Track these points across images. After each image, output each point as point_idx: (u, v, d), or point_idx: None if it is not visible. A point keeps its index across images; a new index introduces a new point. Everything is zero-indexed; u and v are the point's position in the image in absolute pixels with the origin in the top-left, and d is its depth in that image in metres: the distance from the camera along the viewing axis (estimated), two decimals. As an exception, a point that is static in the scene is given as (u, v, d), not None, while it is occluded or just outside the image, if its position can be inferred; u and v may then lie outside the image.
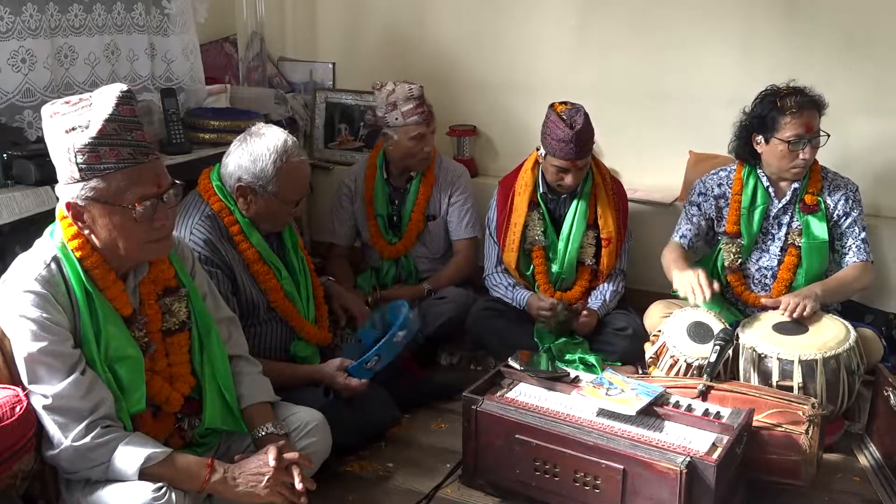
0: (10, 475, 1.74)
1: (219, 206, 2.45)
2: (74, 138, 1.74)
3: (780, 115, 2.72)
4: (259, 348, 2.47)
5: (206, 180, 2.51)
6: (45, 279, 1.78)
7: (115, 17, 3.02)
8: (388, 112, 3.20)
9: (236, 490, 1.85)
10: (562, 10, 3.66)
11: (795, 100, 2.71)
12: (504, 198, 3.19)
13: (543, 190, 3.13)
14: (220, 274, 2.40)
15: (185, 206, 2.47)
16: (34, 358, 1.74)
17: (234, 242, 2.46)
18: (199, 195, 2.49)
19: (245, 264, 2.46)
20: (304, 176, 2.46)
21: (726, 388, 2.38)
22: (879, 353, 2.72)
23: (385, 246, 3.34)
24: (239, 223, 2.45)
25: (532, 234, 3.14)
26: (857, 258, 2.81)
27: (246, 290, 2.47)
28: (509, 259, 3.17)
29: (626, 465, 2.08)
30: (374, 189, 3.33)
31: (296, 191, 2.44)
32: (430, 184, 3.32)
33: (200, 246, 2.38)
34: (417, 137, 3.19)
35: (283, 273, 2.53)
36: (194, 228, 2.40)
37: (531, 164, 3.16)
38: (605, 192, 3.13)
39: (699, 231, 2.99)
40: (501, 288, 3.19)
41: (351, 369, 2.49)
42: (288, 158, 2.39)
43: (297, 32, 4.20)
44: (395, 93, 3.18)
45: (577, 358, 2.97)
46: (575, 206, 3.11)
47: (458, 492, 2.40)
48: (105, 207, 1.78)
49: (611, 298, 3.14)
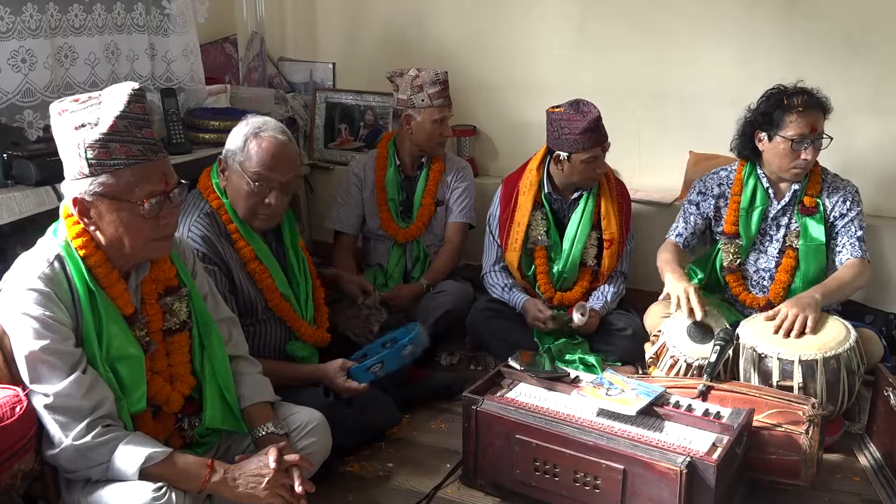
0: (11, 475, 1.73)
1: (217, 203, 2.46)
2: (84, 134, 1.76)
3: (785, 112, 2.72)
4: (257, 347, 2.47)
5: (206, 178, 2.52)
6: (48, 277, 1.78)
7: (115, 17, 3.02)
8: (413, 94, 3.27)
9: (236, 491, 1.85)
10: (561, 10, 3.66)
11: (802, 99, 2.71)
12: (507, 196, 3.20)
13: (548, 190, 3.13)
14: (218, 271, 2.40)
15: (185, 204, 2.47)
16: (36, 356, 1.74)
17: (232, 240, 2.46)
18: (199, 193, 2.50)
19: (242, 263, 2.47)
20: (267, 149, 2.39)
21: (726, 388, 2.38)
22: (879, 353, 2.71)
23: (398, 230, 3.36)
24: (236, 222, 2.45)
25: (535, 233, 3.14)
26: (852, 255, 2.78)
27: (244, 289, 2.47)
28: (512, 258, 3.17)
29: (627, 465, 2.08)
30: (386, 176, 3.37)
31: (259, 163, 2.38)
32: (439, 170, 3.39)
33: (198, 242, 2.38)
34: (440, 120, 3.28)
35: (279, 273, 2.53)
36: (193, 225, 2.41)
37: (536, 163, 3.16)
38: (609, 194, 3.13)
39: (696, 231, 2.99)
40: (498, 288, 3.19)
41: (352, 371, 2.49)
42: (259, 132, 2.42)
43: (297, 32, 4.20)
44: (420, 77, 3.27)
45: (577, 358, 2.98)
46: (582, 207, 3.11)
47: (458, 492, 2.40)
48: (113, 203, 1.79)
49: (612, 299, 3.14)
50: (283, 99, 3.95)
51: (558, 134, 2.98)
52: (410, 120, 3.29)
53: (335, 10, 4.09)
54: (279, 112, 3.81)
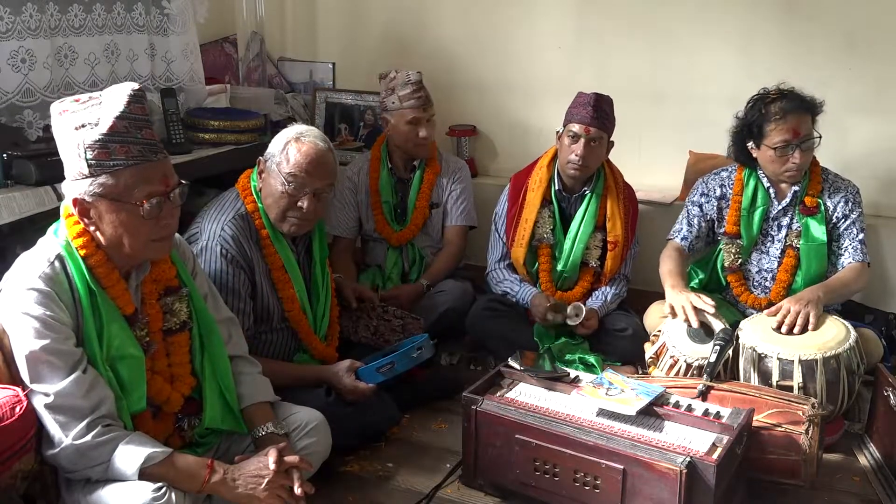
0: (11, 475, 1.73)
1: (252, 206, 2.49)
2: (84, 135, 1.76)
3: (765, 122, 2.71)
4: (264, 355, 2.47)
5: (246, 179, 2.55)
6: (48, 277, 1.78)
7: (115, 17, 3.02)
8: (387, 96, 3.28)
9: (236, 491, 1.85)
10: (561, 10, 3.66)
11: (780, 105, 2.70)
12: (516, 193, 3.20)
13: (558, 187, 3.14)
14: (243, 274, 2.43)
15: (222, 202, 2.51)
16: (36, 356, 1.74)
17: (262, 246, 2.48)
18: (237, 193, 2.53)
19: (268, 269, 2.49)
20: (306, 153, 2.41)
21: (726, 388, 2.38)
22: (879, 353, 2.72)
23: (391, 233, 3.36)
24: (267, 228, 2.48)
25: (541, 231, 3.15)
26: (854, 259, 2.79)
27: (264, 295, 2.49)
28: (518, 254, 3.17)
29: (626, 465, 2.08)
30: (380, 179, 3.36)
31: (295, 164, 2.41)
32: (434, 172, 3.37)
33: (229, 243, 2.41)
34: (413, 121, 3.23)
35: (301, 284, 2.55)
36: (227, 224, 2.43)
37: (547, 160, 3.17)
38: (616, 195, 3.14)
39: (699, 233, 2.99)
40: (508, 283, 3.19)
41: (361, 371, 2.49)
42: (300, 136, 2.45)
43: (297, 32, 4.20)
44: (395, 79, 3.26)
45: (577, 358, 2.98)
46: (585, 206, 3.12)
47: (458, 492, 2.40)
48: (112, 204, 1.79)
49: (612, 300, 3.15)
50: (283, 99, 3.95)
51: (567, 110, 3.05)
52: (387, 122, 3.30)
53: (335, 10, 4.09)
54: (279, 112, 3.80)
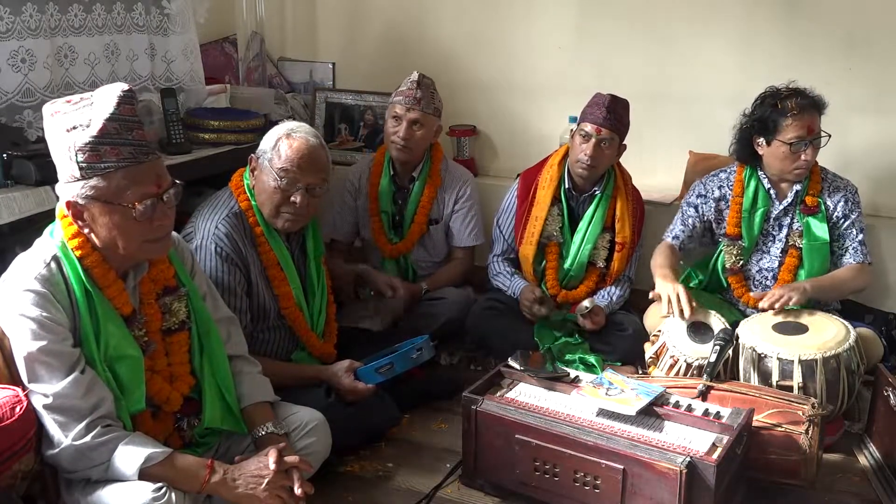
0: (10, 475, 1.74)
1: (246, 204, 2.49)
2: (75, 137, 1.75)
3: (781, 117, 2.71)
4: (262, 354, 2.47)
5: (239, 178, 2.55)
6: (44, 278, 1.78)
7: (115, 17, 3.02)
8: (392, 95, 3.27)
9: (236, 491, 1.85)
10: (562, 10, 3.66)
11: (796, 101, 2.70)
12: (525, 191, 3.20)
13: (568, 186, 3.14)
14: (238, 271, 2.43)
15: (216, 200, 2.51)
16: (34, 357, 1.74)
17: (256, 243, 2.49)
18: (230, 192, 2.53)
19: (262, 267, 2.49)
20: (297, 149, 2.41)
21: (726, 388, 2.38)
22: (879, 353, 2.72)
23: (386, 244, 3.33)
24: (262, 225, 2.48)
25: (550, 229, 3.15)
26: (854, 260, 2.81)
27: (259, 293, 2.49)
28: (527, 252, 3.17)
29: (626, 465, 2.08)
30: (381, 186, 3.32)
31: (287, 160, 2.41)
32: (434, 185, 3.28)
33: (223, 240, 2.41)
34: (394, 117, 3.20)
35: (296, 281, 2.55)
36: (220, 223, 2.43)
37: (558, 158, 3.17)
38: (625, 196, 3.14)
39: (693, 233, 2.99)
40: (502, 277, 3.21)
41: (360, 371, 2.49)
42: (291, 132, 2.46)
43: (297, 32, 4.19)
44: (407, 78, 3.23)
45: (577, 358, 2.98)
46: (594, 206, 3.12)
47: (458, 492, 2.40)
48: (105, 206, 1.78)
49: (616, 301, 3.16)
50: (283, 99, 3.95)
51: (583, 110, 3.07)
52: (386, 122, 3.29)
53: (335, 9, 4.09)
54: (279, 112, 3.80)
